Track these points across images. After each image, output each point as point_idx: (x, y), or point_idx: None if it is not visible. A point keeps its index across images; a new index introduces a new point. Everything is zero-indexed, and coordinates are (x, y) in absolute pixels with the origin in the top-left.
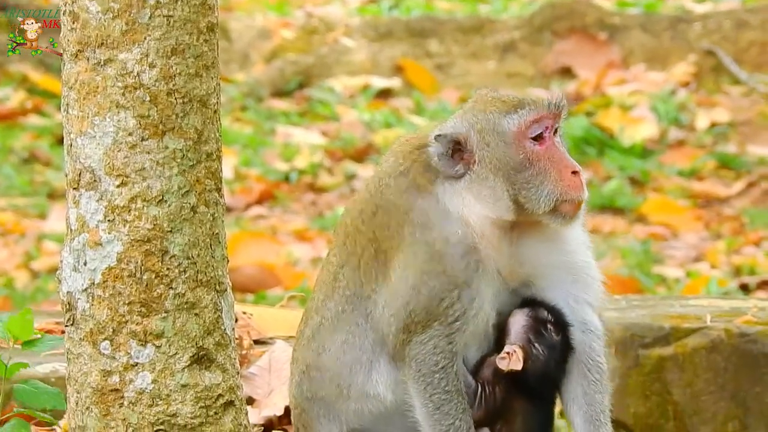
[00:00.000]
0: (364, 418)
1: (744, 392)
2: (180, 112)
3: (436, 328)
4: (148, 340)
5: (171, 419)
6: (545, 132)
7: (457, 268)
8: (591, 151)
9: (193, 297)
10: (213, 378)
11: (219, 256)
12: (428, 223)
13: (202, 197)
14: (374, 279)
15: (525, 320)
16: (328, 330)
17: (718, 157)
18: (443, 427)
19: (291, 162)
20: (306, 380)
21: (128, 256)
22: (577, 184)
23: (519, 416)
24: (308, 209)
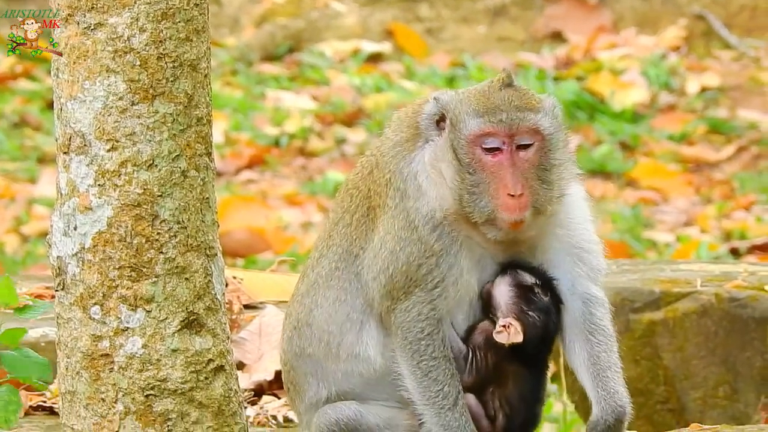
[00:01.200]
0: (353, 381)
1: (734, 357)
2: (170, 77)
3: (417, 295)
4: (139, 304)
5: (161, 384)
6: (503, 146)
7: (430, 239)
8: (581, 116)
9: (184, 261)
10: (203, 343)
11: (209, 220)
12: (406, 191)
13: (193, 161)
14: (364, 237)
15: (512, 290)
16: (322, 287)
17: (708, 121)
18: (432, 393)
19: (281, 126)
20: (296, 336)
21: (118, 221)
22: (511, 207)
23: (511, 381)
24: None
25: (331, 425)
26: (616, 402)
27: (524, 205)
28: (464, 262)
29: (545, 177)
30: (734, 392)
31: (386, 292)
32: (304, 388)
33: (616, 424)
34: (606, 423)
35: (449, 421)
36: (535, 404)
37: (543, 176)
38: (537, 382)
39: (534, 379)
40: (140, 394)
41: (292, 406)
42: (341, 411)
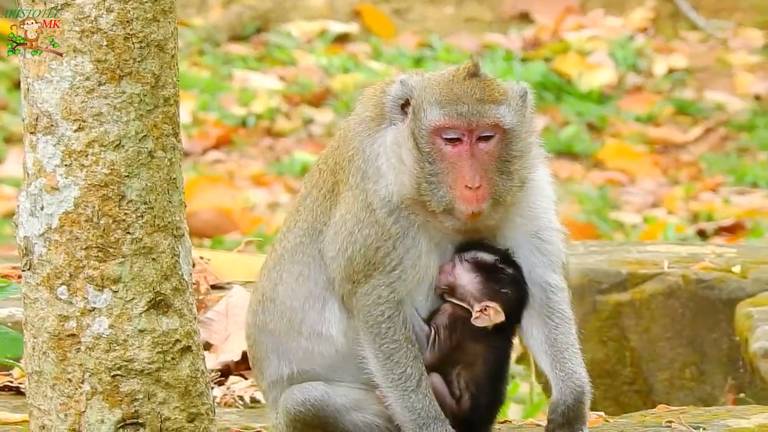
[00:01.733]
0: (315, 360)
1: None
2: (137, 57)
3: (377, 278)
4: (105, 285)
5: (128, 364)
6: (463, 138)
7: (387, 222)
8: (548, 97)
9: (151, 242)
10: (170, 323)
11: (176, 200)
12: (367, 172)
13: (160, 142)
14: (327, 212)
15: (476, 274)
16: (287, 262)
17: (675, 102)
18: (395, 375)
19: (248, 107)
20: (260, 310)
21: (85, 201)
22: (469, 198)
23: (476, 361)
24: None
25: (298, 406)
26: (574, 383)
27: (482, 197)
28: (422, 245)
29: (505, 168)
30: (701, 374)
31: (346, 275)
32: (265, 365)
33: (576, 404)
34: (566, 404)
35: (413, 402)
36: (500, 383)
37: (503, 167)
38: (502, 360)
39: (499, 358)
40: (107, 375)
41: (256, 381)
42: (308, 392)
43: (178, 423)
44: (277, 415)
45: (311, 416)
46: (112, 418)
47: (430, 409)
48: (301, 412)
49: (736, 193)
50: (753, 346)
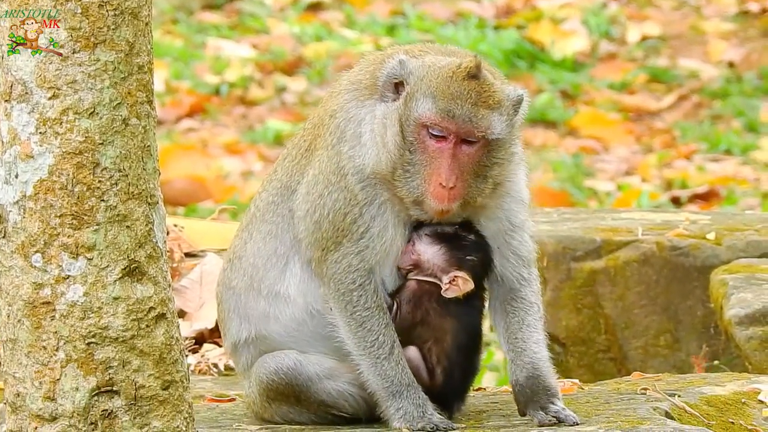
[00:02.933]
0: (271, 324)
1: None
2: (111, 25)
3: (346, 246)
4: (80, 252)
5: (102, 332)
6: (449, 136)
7: (356, 189)
8: (522, 65)
9: (125, 209)
10: (144, 291)
11: (151, 168)
12: (345, 135)
13: (134, 110)
14: (301, 171)
15: (439, 246)
16: (258, 220)
17: (649, 70)
18: (367, 343)
19: (221, 75)
20: (229, 268)
21: (60, 169)
22: (440, 196)
23: (447, 335)
24: (238, 122)
25: (271, 374)
26: (523, 360)
27: (453, 197)
28: (389, 217)
29: (482, 172)
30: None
31: (315, 240)
32: (227, 326)
33: (529, 381)
34: (518, 383)
35: (385, 369)
36: (472, 355)
37: (480, 171)
38: (473, 332)
39: (469, 330)
40: (81, 342)
41: (223, 340)
42: (281, 360)
43: (153, 390)
44: (250, 384)
45: (284, 385)
46: (86, 385)
47: (402, 377)
48: (273, 381)
49: (710, 161)
50: (727, 313)
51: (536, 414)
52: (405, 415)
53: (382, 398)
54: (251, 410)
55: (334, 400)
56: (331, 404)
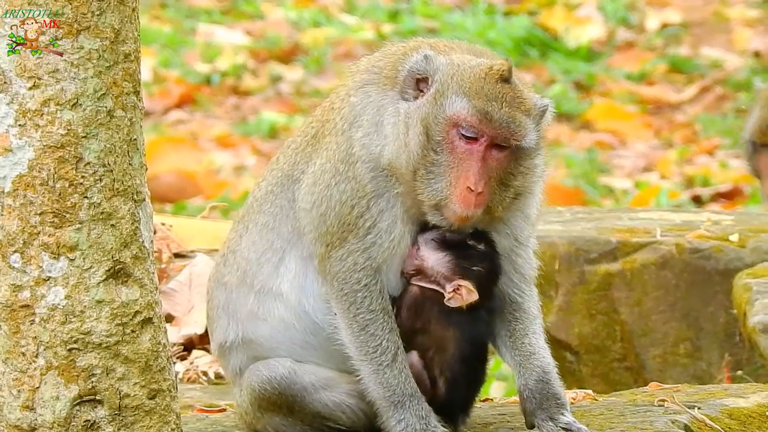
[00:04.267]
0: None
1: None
2: (96, 10)
3: (352, 242)
4: (62, 252)
5: (85, 337)
6: (481, 138)
7: (365, 179)
8: (533, 54)
9: (110, 207)
10: (130, 294)
11: (137, 163)
12: (359, 120)
13: (119, 101)
14: (306, 159)
15: (445, 253)
16: (256, 211)
17: (669, 60)
18: (369, 348)
19: (213, 63)
20: (222, 263)
21: (40, 163)
22: (466, 200)
23: (450, 344)
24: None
25: (263, 383)
26: (533, 364)
27: (480, 203)
28: (398, 212)
29: (507, 181)
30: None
31: (319, 235)
32: (215, 324)
33: (540, 385)
34: (528, 387)
35: (388, 378)
36: (478, 365)
37: (505, 179)
38: (477, 341)
39: (474, 339)
40: (63, 348)
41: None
42: (274, 369)
43: (138, 400)
44: (241, 393)
45: (277, 395)
46: (68, 394)
47: (405, 386)
48: (266, 390)
49: (734, 157)
50: (751, 320)
51: (545, 425)
52: (407, 427)
53: (383, 408)
54: (243, 420)
55: (331, 411)
56: (327, 416)
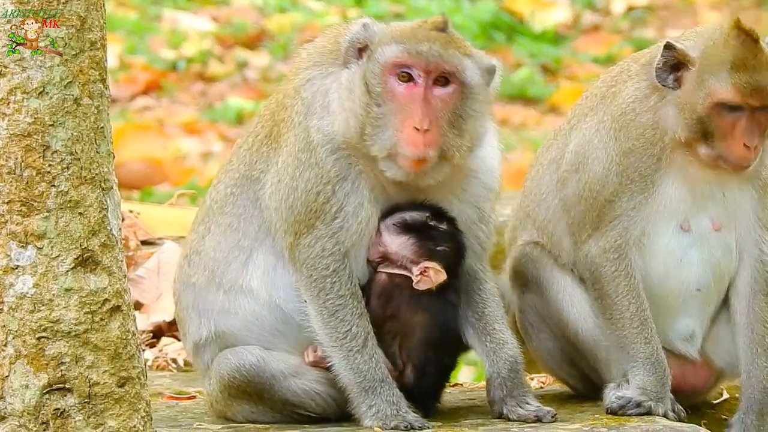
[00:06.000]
0: (231, 318)
1: None
2: None
3: (319, 229)
4: (29, 241)
5: (54, 326)
6: (417, 78)
7: (327, 162)
8: (499, 37)
9: (77, 195)
10: (98, 281)
11: (104, 151)
12: (313, 105)
13: (86, 89)
14: (264, 159)
15: (409, 236)
16: (217, 213)
17: (635, 43)
18: (339, 334)
19: (179, 49)
20: (186, 265)
21: (7, 152)
22: (415, 141)
23: (417, 329)
24: (197, 100)
25: (232, 371)
26: (506, 353)
27: (429, 142)
28: (364, 193)
29: (458, 124)
30: None
31: (288, 226)
32: (186, 323)
33: (512, 374)
34: (500, 375)
35: (358, 363)
36: (447, 351)
37: (456, 123)
38: (445, 326)
39: (441, 324)
40: (31, 337)
41: (184, 346)
42: (243, 356)
43: (108, 388)
44: (210, 381)
45: (246, 382)
46: (37, 383)
47: (376, 372)
48: (235, 378)
49: None
50: None
51: (515, 410)
52: (378, 413)
53: (354, 394)
54: (213, 409)
55: (300, 399)
56: (297, 403)
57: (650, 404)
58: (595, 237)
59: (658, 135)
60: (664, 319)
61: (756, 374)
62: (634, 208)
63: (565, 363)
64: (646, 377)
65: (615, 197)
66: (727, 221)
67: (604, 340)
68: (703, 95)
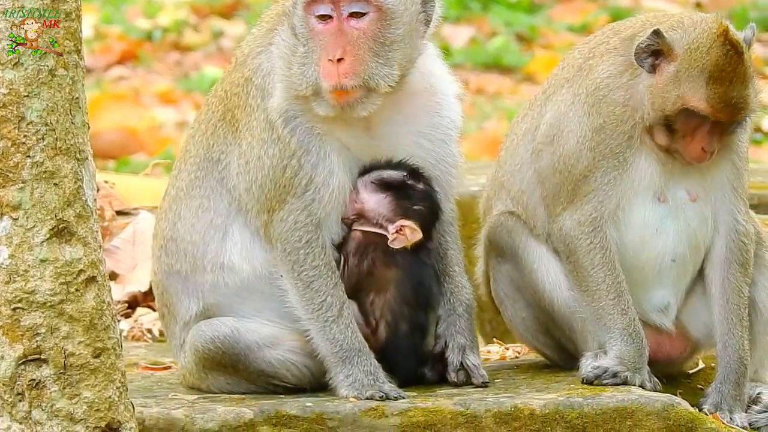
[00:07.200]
0: (221, 291)
1: None
2: None
3: (291, 203)
4: (4, 212)
5: (29, 296)
6: (333, 13)
7: (286, 135)
8: (475, 6)
9: (52, 166)
10: (74, 252)
11: (79, 122)
12: (266, 88)
13: (61, 60)
14: (222, 140)
15: (386, 194)
16: (184, 198)
17: (610, 11)
18: (315, 305)
19: (154, 19)
20: (164, 254)
21: None
22: (329, 73)
23: (390, 285)
24: (173, 69)
25: (207, 343)
26: (464, 295)
27: (345, 72)
28: (333, 160)
29: (380, 51)
30: None
31: (261, 205)
32: (177, 307)
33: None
34: (455, 312)
35: (334, 333)
36: (420, 310)
37: (378, 50)
38: (419, 284)
39: (416, 282)
40: (7, 308)
41: (167, 332)
42: (217, 328)
43: (83, 358)
44: (185, 354)
45: (221, 354)
46: (12, 354)
47: (353, 341)
48: (210, 350)
49: None
50: None
51: (454, 358)
52: (354, 383)
53: (331, 364)
54: (186, 381)
55: (275, 369)
56: (272, 374)
57: (627, 374)
58: (570, 210)
59: (629, 113)
60: (639, 290)
61: (732, 344)
62: (608, 183)
63: (540, 333)
64: (623, 347)
65: (589, 172)
66: (704, 192)
67: (579, 310)
68: (675, 96)
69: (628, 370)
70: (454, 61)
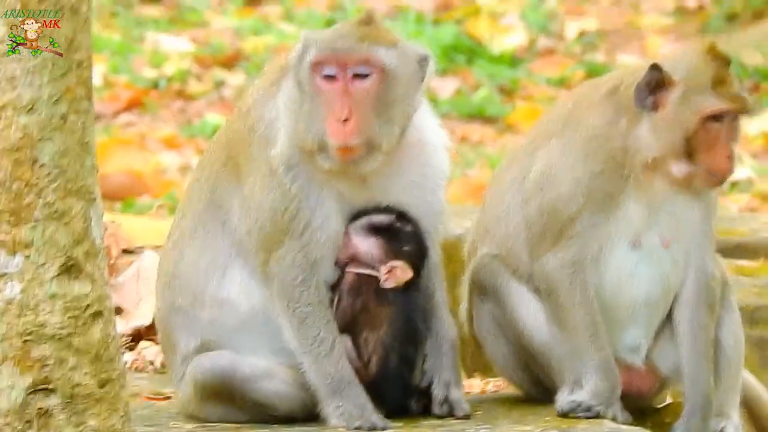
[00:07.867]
0: (219, 328)
1: None
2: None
3: (289, 244)
4: (17, 249)
5: (39, 329)
6: (338, 74)
7: (287, 181)
8: (460, 60)
9: (63, 206)
10: (82, 288)
11: (89, 165)
12: (269, 138)
13: (73, 106)
14: (225, 186)
15: (376, 237)
16: (187, 240)
17: (586, 66)
18: (308, 340)
19: (160, 69)
20: (167, 291)
21: None
22: (337, 132)
23: (383, 322)
24: (177, 116)
25: (206, 373)
26: (449, 333)
27: (351, 131)
28: (329, 206)
29: (383, 112)
30: None
31: (260, 245)
32: (177, 341)
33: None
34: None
35: (326, 366)
36: (409, 345)
37: (381, 110)
38: (408, 320)
39: (405, 318)
40: (18, 340)
41: (168, 364)
42: (215, 360)
43: (89, 388)
44: (185, 385)
45: (219, 384)
46: (22, 383)
47: (343, 374)
48: (208, 380)
49: None
50: None
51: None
52: (344, 414)
53: (322, 395)
54: (186, 411)
55: (270, 400)
56: (267, 404)
57: (600, 408)
58: (554, 251)
59: (628, 157)
60: (614, 330)
61: (698, 381)
62: (593, 226)
63: (519, 368)
64: (598, 382)
65: (577, 215)
66: (677, 237)
67: (557, 347)
68: (690, 113)
69: (602, 404)
70: (441, 111)
